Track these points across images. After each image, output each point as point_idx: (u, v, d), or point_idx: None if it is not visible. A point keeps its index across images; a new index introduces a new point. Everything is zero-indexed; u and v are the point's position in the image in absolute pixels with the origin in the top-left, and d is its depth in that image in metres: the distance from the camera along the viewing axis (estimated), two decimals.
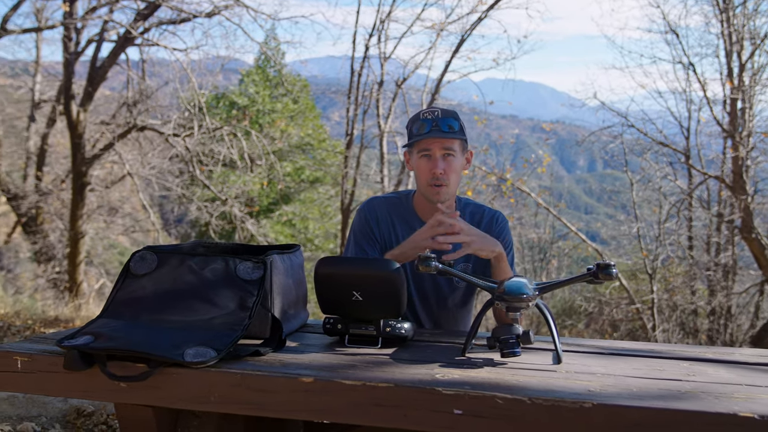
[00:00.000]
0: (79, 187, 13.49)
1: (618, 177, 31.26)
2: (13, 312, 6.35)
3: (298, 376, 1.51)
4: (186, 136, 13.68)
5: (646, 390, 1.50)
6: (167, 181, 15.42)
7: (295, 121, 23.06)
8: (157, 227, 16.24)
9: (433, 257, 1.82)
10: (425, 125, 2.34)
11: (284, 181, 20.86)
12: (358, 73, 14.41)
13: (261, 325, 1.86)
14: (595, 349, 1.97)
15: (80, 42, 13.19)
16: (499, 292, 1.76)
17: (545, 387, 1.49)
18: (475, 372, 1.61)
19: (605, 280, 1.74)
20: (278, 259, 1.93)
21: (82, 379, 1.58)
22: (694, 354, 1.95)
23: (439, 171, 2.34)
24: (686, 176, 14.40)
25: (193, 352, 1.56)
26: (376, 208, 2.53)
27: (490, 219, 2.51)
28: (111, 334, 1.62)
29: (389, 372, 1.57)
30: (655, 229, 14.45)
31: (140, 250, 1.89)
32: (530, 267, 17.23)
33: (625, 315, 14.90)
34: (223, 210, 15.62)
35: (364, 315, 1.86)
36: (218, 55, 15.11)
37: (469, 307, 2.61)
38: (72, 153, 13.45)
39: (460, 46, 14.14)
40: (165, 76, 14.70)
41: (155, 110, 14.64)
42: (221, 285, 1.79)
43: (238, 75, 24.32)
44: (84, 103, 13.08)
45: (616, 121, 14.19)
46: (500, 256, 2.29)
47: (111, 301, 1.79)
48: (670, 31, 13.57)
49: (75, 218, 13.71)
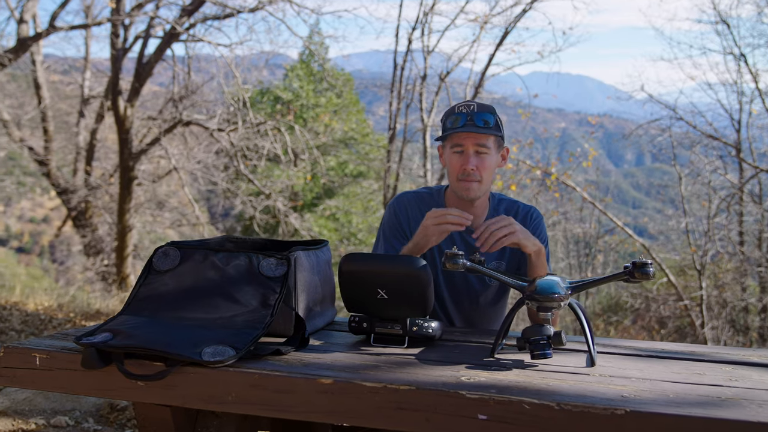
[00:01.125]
0: (126, 181, 13.67)
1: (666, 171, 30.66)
2: (57, 305, 6.45)
3: (317, 377, 1.46)
4: (230, 131, 13.79)
5: (684, 396, 1.42)
6: (212, 175, 15.55)
7: (338, 115, 23.07)
8: (201, 221, 16.38)
9: (460, 254, 1.75)
10: (459, 119, 2.27)
11: (328, 176, 20.90)
12: (401, 67, 14.35)
13: (285, 323, 1.82)
14: (632, 351, 1.89)
15: (127, 38, 13.36)
16: (530, 291, 1.68)
17: (575, 392, 1.42)
18: (502, 374, 1.55)
19: (641, 279, 1.65)
20: (303, 256, 1.88)
21: (100, 378, 1.55)
22: (737, 357, 1.86)
23: (471, 167, 2.27)
24: (737, 170, 14.05)
25: (211, 350, 1.52)
26: (406, 203, 2.47)
27: (525, 215, 2.43)
28: (130, 332, 1.59)
29: (413, 374, 1.52)
30: (704, 224, 14.13)
31: (164, 245, 1.86)
32: (575, 262, 16.99)
33: (672, 312, 14.61)
34: (266, 204, 15.70)
35: (390, 313, 1.80)
36: (262, 51, 15.23)
37: (503, 305, 2.53)
38: (119, 148, 13.63)
39: (503, 38, 14.00)
40: (210, 72, 14.82)
41: (200, 105, 14.78)
42: (244, 282, 1.76)
43: (282, 70, 24.41)
44: (131, 98, 13.24)
45: (665, 113, 13.94)
46: (540, 251, 2.21)
47: (133, 298, 1.76)
48: (720, 21, 13.25)
49: (122, 212, 13.90)
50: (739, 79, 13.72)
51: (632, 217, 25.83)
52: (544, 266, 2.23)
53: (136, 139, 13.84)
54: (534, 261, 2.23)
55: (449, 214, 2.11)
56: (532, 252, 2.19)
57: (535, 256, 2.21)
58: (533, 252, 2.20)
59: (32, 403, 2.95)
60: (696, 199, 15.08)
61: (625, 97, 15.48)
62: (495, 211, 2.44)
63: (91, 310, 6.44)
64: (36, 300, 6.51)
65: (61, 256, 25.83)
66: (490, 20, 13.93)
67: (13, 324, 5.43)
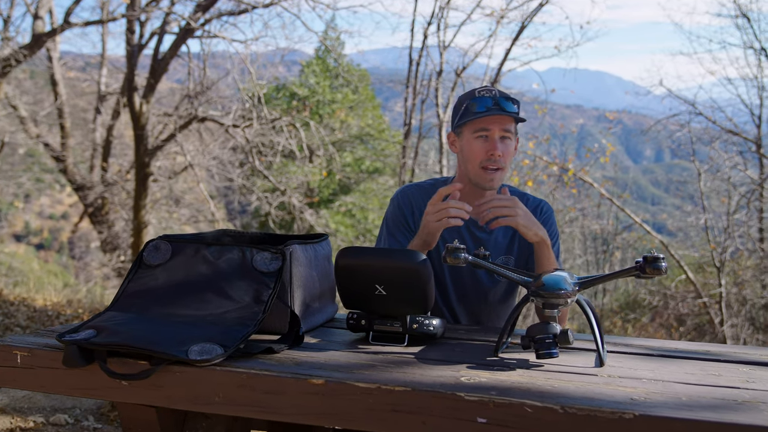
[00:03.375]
0: (142, 177, 13.69)
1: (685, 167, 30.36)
2: (66, 301, 6.42)
3: (308, 377, 1.38)
4: (246, 127, 13.78)
5: (697, 399, 1.33)
6: (228, 171, 15.55)
7: (354, 111, 22.99)
8: (217, 217, 16.39)
9: (462, 248, 1.67)
10: (482, 103, 2.15)
11: (344, 172, 20.83)
12: (417, 63, 14.26)
13: (280, 320, 1.75)
14: (644, 350, 1.80)
15: (143, 35, 13.37)
16: (535, 286, 1.59)
17: (581, 394, 1.33)
18: (505, 375, 1.46)
19: (653, 275, 1.56)
20: (299, 250, 1.80)
21: (82, 376, 1.48)
22: (755, 357, 1.76)
23: (499, 153, 2.15)
24: (757, 166, 13.86)
25: (198, 348, 1.45)
26: (410, 196, 2.36)
27: (535, 208, 2.33)
28: (114, 329, 1.52)
29: (410, 374, 1.44)
30: (724, 221, 13.95)
31: (155, 239, 1.79)
32: (593, 259, 16.83)
33: (691, 309, 14.44)
34: (282, 200, 15.69)
35: (389, 310, 1.72)
36: (278, 47, 15.20)
37: (512, 302, 2.43)
38: (135, 144, 13.66)
39: (520, 33, 13.88)
40: (225, 68, 14.82)
41: (216, 102, 14.80)
42: (236, 277, 1.68)
43: (298, 66, 24.36)
44: (146, 95, 13.26)
45: (684, 109, 13.79)
46: (545, 243, 2.11)
47: (121, 293, 1.70)
48: (741, 15, 13.07)
49: (138, 208, 13.93)
50: (760, 74, 13.56)
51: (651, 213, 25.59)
52: (550, 259, 2.13)
53: (151, 136, 13.86)
54: (538, 252, 2.14)
55: (449, 207, 2.01)
56: (534, 242, 2.10)
57: (539, 246, 2.12)
58: (536, 242, 2.10)
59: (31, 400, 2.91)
60: (715, 196, 14.90)
61: (644, 92, 15.31)
62: None
63: (101, 306, 6.40)
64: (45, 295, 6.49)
65: (80, 252, 25.98)
66: (507, 15, 13.80)
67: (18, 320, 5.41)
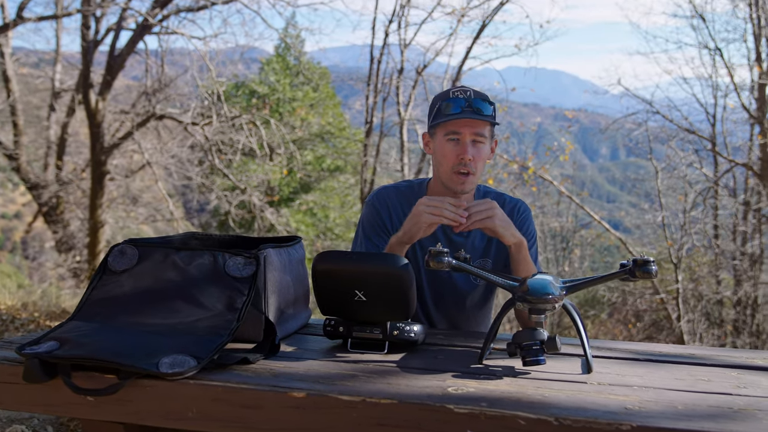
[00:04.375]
0: (98, 176, 13.44)
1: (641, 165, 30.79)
2: (21, 304, 6.21)
3: (288, 390, 1.30)
4: (205, 124, 13.61)
5: (693, 407, 1.29)
6: (187, 170, 15.35)
7: (315, 109, 22.84)
8: (176, 216, 16.16)
9: (445, 252, 1.60)
10: (456, 105, 2.08)
11: (305, 170, 20.70)
12: (378, 60, 14.21)
13: (254, 327, 1.67)
14: (629, 354, 1.76)
15: (99, 30, 13.11)
16: (521, 291, 1.53)
17: (574, 404, 1.28)
18: (493, 384, 1.40)
19: (643, 278, 1.52)
20: (273, 254, 1.73)
21: (44, 392, 1.38)
22: (741, 360, 1.73)
23: (469, 157, 2.08)
24: (712, 164, 14.09)
25: (169, 361, 1.36)
26: (386, 197, 2.29)
27: (512, 208, 2.28)
28: (78, 340, 1.43)
29: (394, 384, 1.37)
30: (681, 218, 14.16)
31: (120, 243, 1.70)
32: (552, 256, 16.95)
33: (649, 305, 14.65)
34: (242, 199, 15.54)
35: (369, 317, 1.65)
36: (237, 44, 15.06)
37: (490, 306, 2.37)
38: (91, 142, 13.40)
39: (481, 32, 13.90)
40: (184, 65, 14.63)
41: (174, 99, 14.60)
42: (208, 283, 1.60)
43: (258, 63, 24.12)
44: (103, 92, 13.00)
45: (641, 108, 13.96)
46: (522, 245, 2.06)
47: (84, 301, 1.60)
48: (696, 15, 13.26)
49: (94, 207, 13.67)
50: (714, 74, 13.78)
51: (607, 211, 25.91)
52: (527, 262, 2.08)
53: (108, 134, 13.62)
54: (515, 255, 2.08)
55: (446, 207, 1.95)
56: (511, 244, 2.04)
57: (516, 249, 2.06)
58: (513, 244, 2.04)
59: None
60: (672, 193, 15.12)
61: (602, 91, 15.46)
62: None
63: (58, 309, 6.21)
64: None
65: (33, 253, 25.39)
66: (468, 13, 13.81)
67: None
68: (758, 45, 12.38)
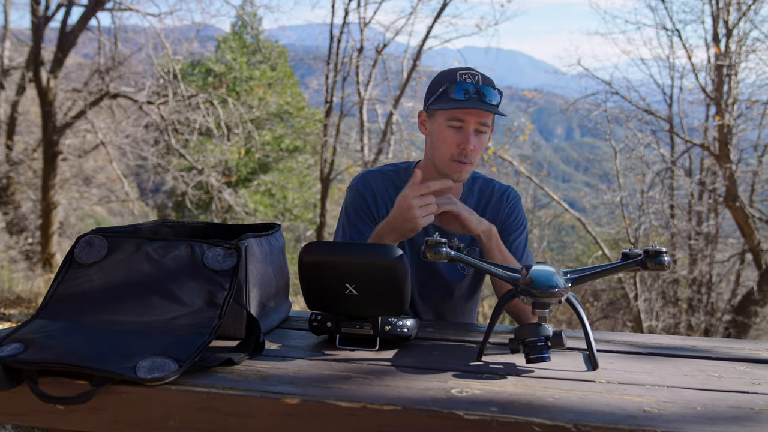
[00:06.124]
0: (50, 156, 13.09)
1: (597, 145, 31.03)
2: None
3: (280, 396, 1.19)
4: (161, 103, 13.35)
5: (713, 408, 1.21)
6: (142, 150, 15.05)
7: (273, 88, 22.54)
8: (131, 197, 15.86)
9: (443, 242, 1.50)
10: (463, 90, 1.93)
11: (263, 150, 20.46)
12: (338, 39, 14.03)
13: (234, 323, 1.55)
14: (629, 348, 1.68)
15: (49, 6, 12.73)
16: (524, 284, 1.43)
17: (588, 406, 1.19)
18: (498, 385, 1.31)
19: (655, 269, 1.44)
20: (255, 244, 1.61)
21: (9, 400, 1.24)
22: (744, 353, 1.66)
23: (471, 147, 1.96)
24: (669, 144, 14.24)
25: (147, 364, 1.24)
26: (371, 181, 2.15)
27: (501, 195, 2.17)
28: (45, 342, 1.29)
29: (393, 387, 1.27)
30: (638, 198, 14.32)
31: (87, 233, 1.56)
32: None
33: (608, 284, 14.81)
34: (199, 180, 15.32)
35: (360, 311, 1.54)
36: (193, 21, 14.79)
37: (477, 297, 2.27)
38: (42, 121, 13.05)
39: (442, 11, 13.82)
40: (138, 43, 14.32)
41: (128, 77, 14.32)
42: (185, 276, 1.47)
43: (214, 42, 23.69)
44: (54, 69, 12.63)
45: (600, 88, 14.01)
46: (491, 233, 1.95)
47: (50, 298, 1.45)
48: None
49: (47, 188, 13.33)
50: (672, 55, 13.89)
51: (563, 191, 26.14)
52: (501, 249, 1.97)
53: (60, 112, 13.27)
54: (485, 244, 1.95)
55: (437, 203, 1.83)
56: (479, 232, 1.93)
57: (485, 238, 1.95)
58: (482, 232, 1.93)
59: None
60: (629, 174, 15.27)
61: (562, 72, 15.50)
62: (469, 190, 2.17)
63: (12, 294, 5.97)
64: None
65: None
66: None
67: None
68: (716, 26, 12.47)
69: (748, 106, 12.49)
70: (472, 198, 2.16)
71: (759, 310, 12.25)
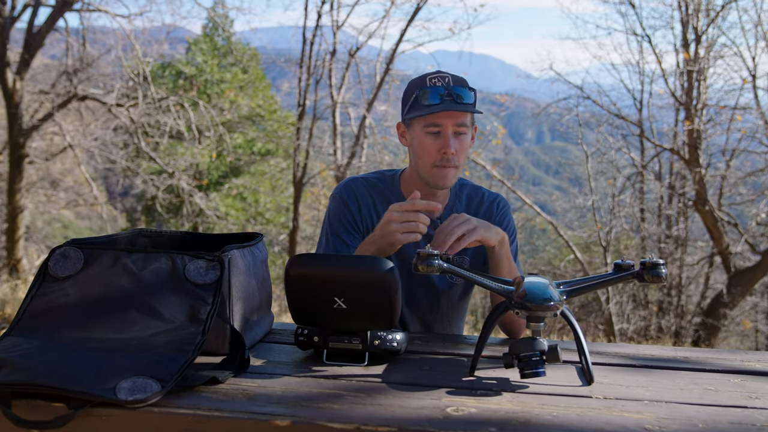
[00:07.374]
0: (16, 159, 12.87)
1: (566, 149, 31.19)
2: None
3: (269, 418, 1.14)
4: (130, 106, 13.18)
5: (713, 425, 1.18)
6: (111, 153, 14.85)
7: (244, 91, 22.38)
8: (99, 201, 15.65)
9: (435, 254, 1.45)
10: (434, 94, 1.90)
11: (234, 154, 20.31)
12: (311, 42, 13.98)
13: (217, 338, 1.49)
14: (620, 360, 1.65)
15: (15, 6, 12.51)
16: (518, 297, 1.39)
17: (588, 424, 1.15)
18: (494, 402, 1.26)
19: (652, 282, 1.40)
20: (238, 255, 1.55)
21: None
22: (737, 364, 1.64)
23: (452, 151, 1.92)
24: (639, 149, 14.38)
25: (128, 385, 1.17)
26: (355, 189, 2.09)
27: (491, 203, 2.12)
28: (19, 362, 1.22)
29: (387, 406, 1.22)
30: (609, 202, 14.43)
31: (62, 245, 1.49)
32: None
33: None
34: (170, 183, 15.15)
35: (349, 325, 1.49)
36: (164, 23, 14.65)
37: (465, 307, 2.22)
38: (8, 124, 12.83)
39: (415, 14, 13.83)
40: (107, 44, 14.14)
41: (97, 79, 14.12)
42: (166, 290, 1.41)
43: (184, 43, 23.49)
44: (20, 71, 12.41)
45: (572, 93, 14.11)
46: (504, 240, 1.88)
47: (23, 313, 1.38)
48: (624, 1, 13.46)
49: (13, 192, 13.10)
50: (642, 60, 14.03)
51: (533, 194, 26.29)
52: (509, 258, 1.93)
53: (26, 115, 13.03)
54: (497, 252, 1.89)
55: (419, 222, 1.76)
56: (496, 243, 1.87)
57: (499, 246, 1.88)
58: (497, 242, 1.87)
59: None
60: (600, 178, 15.38)
61: (534, 75, 15.59)
62: (457, 198, 2.12)
63: None
64: None
65: None
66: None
67: None
68: (685, 31, 12.61)
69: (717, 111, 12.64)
70: (459, 205, 2.12)
71: (728, 313, 12.40)
